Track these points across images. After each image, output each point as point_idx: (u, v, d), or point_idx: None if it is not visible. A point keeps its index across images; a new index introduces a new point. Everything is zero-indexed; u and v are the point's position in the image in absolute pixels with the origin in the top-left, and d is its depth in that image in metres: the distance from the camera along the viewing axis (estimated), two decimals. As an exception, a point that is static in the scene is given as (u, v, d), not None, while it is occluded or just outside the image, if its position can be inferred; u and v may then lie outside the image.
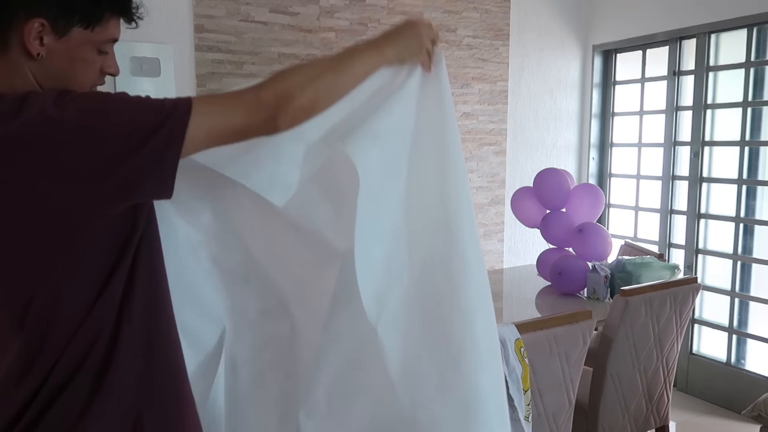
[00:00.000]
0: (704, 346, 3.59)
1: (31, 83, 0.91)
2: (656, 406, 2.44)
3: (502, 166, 3.94)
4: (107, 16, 0.93)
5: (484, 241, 3.90)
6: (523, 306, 2.88)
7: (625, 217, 4.08)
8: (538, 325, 1.91)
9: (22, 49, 0.88)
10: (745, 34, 3.28)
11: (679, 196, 3.69)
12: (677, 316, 2.37)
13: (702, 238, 3.57)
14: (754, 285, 3.37)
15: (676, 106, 3.67)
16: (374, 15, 3.38)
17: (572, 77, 4.13)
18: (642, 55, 3.89)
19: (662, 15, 3.62)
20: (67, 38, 0.90)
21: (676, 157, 3.70)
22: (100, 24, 0.92)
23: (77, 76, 0.94)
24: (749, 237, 3.38)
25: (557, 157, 4.13)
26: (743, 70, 3.30)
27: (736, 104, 3.35)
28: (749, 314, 3.40)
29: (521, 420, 1.81)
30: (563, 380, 1.98)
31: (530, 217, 3.05)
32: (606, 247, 2.78)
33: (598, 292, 2.69)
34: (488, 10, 3.76)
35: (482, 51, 3.77)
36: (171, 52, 2.87)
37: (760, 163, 3.31)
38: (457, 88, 3.70)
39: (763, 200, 3.31)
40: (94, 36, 0.92)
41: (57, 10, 0.88)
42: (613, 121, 4.14)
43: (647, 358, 2.33)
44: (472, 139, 3.80)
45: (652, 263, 2.67)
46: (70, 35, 0.90)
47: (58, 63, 0.91)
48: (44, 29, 0.88)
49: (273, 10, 3.09)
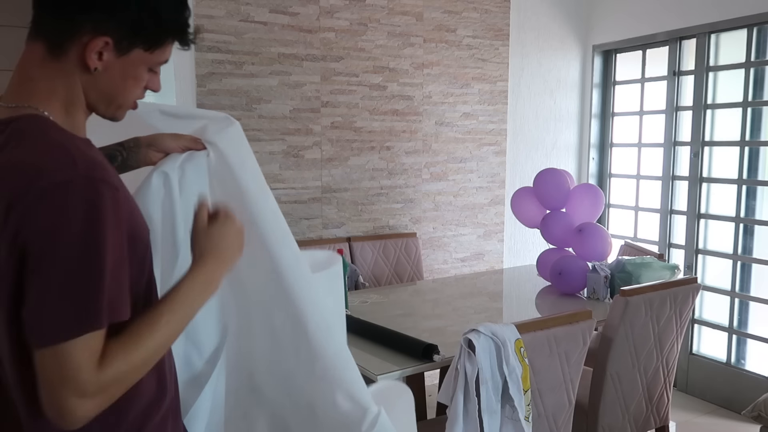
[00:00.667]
0: (704, 346, 3.59)
1: (76, 92, 0.91)
2: (656, 406, 2.44)
3: (502, 166, 3.94)
4: (169, 41, 0.96)
5: (484, 241, 3.90)
6: (523, 306, 2.88)
7: (625, 218, 4.08)
8: (538, 325, 1.91)
9: (78, 60, 0.89)
10: (745, 34, 3.28)
11: (679, 196, 3.69)
12: (677, 316, 2.37)
13: (702, 238, 3.57)
14: (754, 285, 3.37)
15: (676, 106, 3.67)
16: (374, 15, 3.38)
17: (572, 77, 4.13)
18: (642, 55, 3.89)
19: (662, 15, 3.62)
20: (126, 57, 0.92)
21: (676, 157, 3.70)
22: (160, 47, 0.95)
23: (126, 91, 0.95)
24: (749, 237, 3.38)
25: (557, 157, 4.13)
26: (743, 70, 3.30)
27: (736, 104, 3.35)
28: (749, 314, 3.40)
29: (521, 420, 1.81)
30: (563, 380, 1.99)
31: (530, 217, 3.05)
32: (606, 247, 2.78)
33: (598, 293, 2.70)
34: (488, 10, 3.76)
35: (482, 51, 3.77)
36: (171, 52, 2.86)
37: (760, 163, 3.31)
38: (457, 88, 3.70)
39: (763, 200, 3.31)
40: (152, 58, 0.95)
41: (125, 32, 0.89)
42: (613, 121, 4.15)
43: (647, 358, 2.33)
44: (472, 139, 3.80)
45: (652, 263, 2.67)
46: (130, 55, 0.92)
47: (112, 78, 0.92)
48: (107, 47, 0.89)
49: (273, 10, 3.10)
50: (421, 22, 3.54)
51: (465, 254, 3.85)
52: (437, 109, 3.65)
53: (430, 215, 3.70)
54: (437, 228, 3.73)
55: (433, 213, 3.71)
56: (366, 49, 3.38)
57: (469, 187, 3.82)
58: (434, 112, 3.65)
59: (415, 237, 3.54)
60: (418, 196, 3.64)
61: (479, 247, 3.90)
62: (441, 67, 3.63)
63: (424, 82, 3.59)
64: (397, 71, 3.49)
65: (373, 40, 3.40)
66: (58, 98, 0.91)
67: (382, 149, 3.50)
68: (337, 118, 3.33)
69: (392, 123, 3.51)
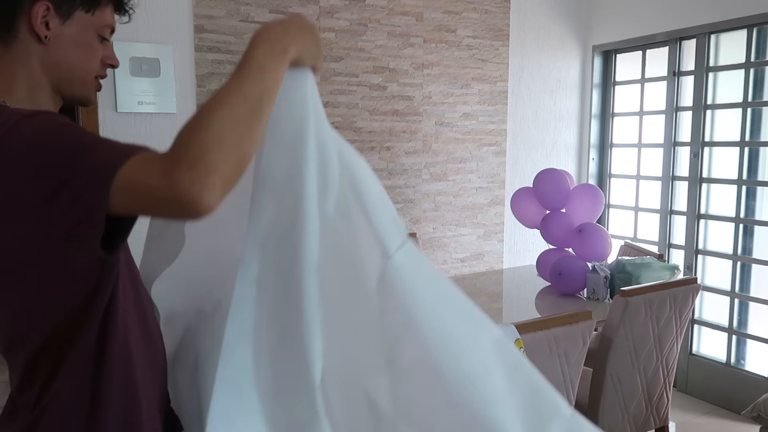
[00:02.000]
0: (704, 347, 3.59)
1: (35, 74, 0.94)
2: (656, 406, 2.44)
3: (502, 166, 3.94)
4: (104, 3, 0.98)
5: (484, 242, 3.90)
6: (523, 306, 2.88)
7: (625, 218, 4.08)
8: (538, 326, 1.91)
9: (29, 33, 0.92)
10: (744, 35, 3.28)
11: (678, 196, 3.69)
12: (677, 316, 2.37)
13: (702, 238, 3.57)
14: (753, 285, 3.37)
15: (676, 106, 3.67)
16: (374, 15, 3.38)
17: (572, 77, 4.14)
18: (642, 55, 3.90)
19: (662, 15, 3.62)
20: (71, 22, 0.94)
21: (675, 158, 3.70)
22: (99, 8, 0.97)
23: (83, 62, 0.97)
24: (749, 237, 3.38)
25: (557, 158, 4.13)
26: (743, 70, 3.31)
27: (735, 105, 3.35)
28: (749, 315, 3.40)
29: (521, 420, 1.80)
30: (563, 380, 1.99)
31: (530, 218, 3.05)
32: (606, 247, 2.78)
33: (597, 293, 2.70)
34: (488, 11, 3.76)
35: (482, 51, 3.77)
36: (171, 52, 2.87)
37: (760, 163, 3.31)
38: (457, 89, 3.71)
39: (762, 201, 3.31)
40: (94, 20, 0.97)
41: None
42: (612, 121, 4.15)
43: (647, 358, 2.33)
44: (472, 139, 3.80)
45: (652, 264, 2.67)
46: (73, 18, 0.95)
47: (65, 48, 0.95)
48: (49, 13, 0.92)
49: (273, 10, 3.10)
50: (421, 22, 3.54)
51: (465, 254, 3.85)
52: (437, 109, 3.65)
53: (429, 215, 3.70)
54: (437, 228, 3.73)
55: (432, 213, 3.71)
56: (366, 49, 3.38)
57: (469, 187, 3.82)
58: (434, 113, 3.65)
59: (415, 237, 3.54)
60: (418, 197, 3.64)
61: (479, 247, 3.90)
62: (441, 67, 3.64)
63: (424, 83, 3.59)
64: (397, 71, 3.49)
65: (373, 41, 3.40)
66: (19, 84, 0.93)
67: (382, 149, 3.50)
68: (337, 118, 3.33)
69: (392, 123, 3.51)
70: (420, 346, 1.00)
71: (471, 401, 0.98)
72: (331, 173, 0.98)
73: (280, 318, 0.96)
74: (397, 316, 1.00)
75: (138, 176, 0.73)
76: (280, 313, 0.95)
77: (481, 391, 1.00)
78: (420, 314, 1.00)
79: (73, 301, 0.85)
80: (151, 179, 0.72)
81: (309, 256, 0.95)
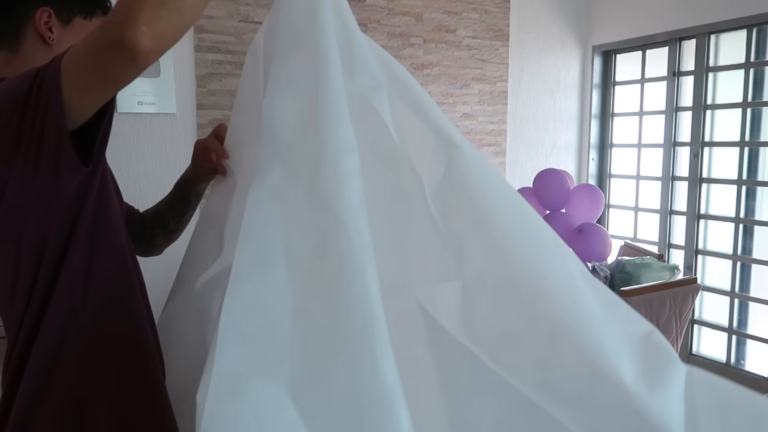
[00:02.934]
0: (704, 347, 3.59)
1: None
2: (656, 406, 2.43)
3: (502, 166, 3.94)
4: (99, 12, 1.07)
5: (483, 242, 3.90)
6: (522, 306, 2.88)
7: (625, 218, 4.08)
8: (538, 326, 1.90)
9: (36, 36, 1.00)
10: (744, 35, 3.28)
11: (678, 196, 3.69)
12: (677, 316, 2.37)
13: (702, 238, 3.57)
14: (753, 286, 3.37)
15: (676, 106, 3.67)
16: (374, 15, 3.38)
17: (572, 78, 4.14)
18: (642, 55, 3.90)
19: (662, 16, 3.62)
20: (72, 27, 1.03)
21: (675, 158, 3.70)
22: (95, 15, 1.06)
23: None
24: (749, 238, 3.38)
25: (557, 158, 4.13)
26: (743, 70, 3.30)
27: (735, 105, 3.35)
28: (749, 315, 3.40)
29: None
30: (563, 381, 1.98)
31: (530, 218, 3.05)
32: (606, 247, 2.78)
33: (597, 293, 2.69)
34: (488, 11, 3.76)
35: (482, 51, 3.77)
36: (171, 52, 2.87)
37: (760, 163, 3.31)
38: (457, 89, 3.71)
39: (762, 201, 3.31)
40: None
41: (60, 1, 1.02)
42: (612, 121, 4.15)
43: (647, 358, 2.33)
44: (472, 139, 3.80)
45: (652, 264, 2.67)
46: (73, 24, 1.03)
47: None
48: (51, 19, 1.01)
49: (273, 10, 3.09)
50: (421, 22, 3.54)
51: (465, 255, 3.84)
52: (437, 109, 3.65)
53: (429, 216, 3.70)
54: (437, 228, 3.73)
55: (432, 213, 3.71)
56: (366, 49, 3.38)
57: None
58: (434, 113, 3.64)
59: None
60: (418, 197, 3.64)
61: (479, 247, 3.89)
62: (441, 67, 3.64)
63: (423, 83, 3.58)
64: (397, 72, 3.49)
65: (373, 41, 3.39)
66: None
67: (382, 150, 3.49)
68: (336, 118, 3.32)
69: (392, 123, 3.51)
70: (492, 252, 0.85)
71: (565, 318, 0.82)
72: (360, 56, 0.91)
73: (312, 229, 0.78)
74: (463, 215, 0.86)
75: (81, 43, 0.81)
76: (312, 223, 0.78)
77: (574, 309, 0.83)
78: (492, 211, 0.86)
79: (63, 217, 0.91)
80: (91, 37, 0.80)
81: (343, 143, 0.81)
